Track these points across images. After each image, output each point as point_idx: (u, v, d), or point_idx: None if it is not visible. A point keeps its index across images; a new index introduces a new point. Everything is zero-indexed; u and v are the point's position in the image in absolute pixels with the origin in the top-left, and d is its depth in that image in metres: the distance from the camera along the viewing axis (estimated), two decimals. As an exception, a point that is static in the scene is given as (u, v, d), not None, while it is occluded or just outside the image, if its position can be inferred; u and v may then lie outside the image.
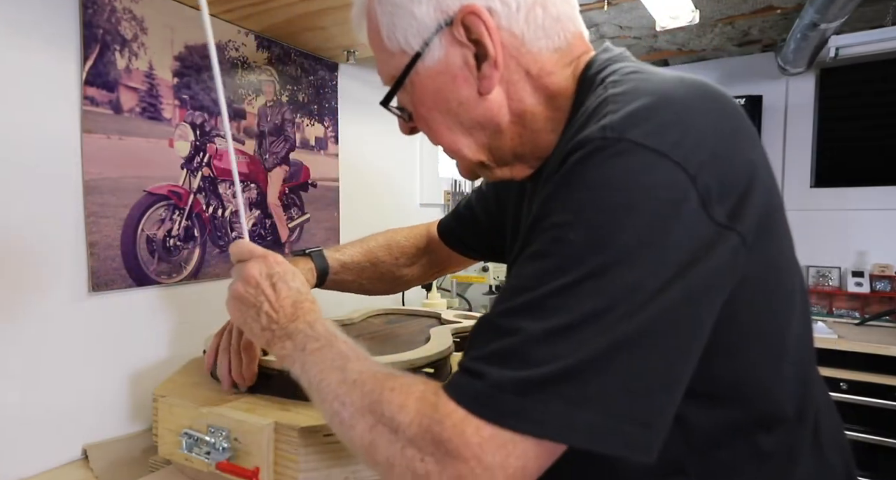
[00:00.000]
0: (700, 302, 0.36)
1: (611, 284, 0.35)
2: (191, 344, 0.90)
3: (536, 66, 0.47)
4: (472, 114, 0.48)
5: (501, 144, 0.50)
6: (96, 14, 0.76)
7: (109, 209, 0.78)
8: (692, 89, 0.41)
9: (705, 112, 0.39)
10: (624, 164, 0.37)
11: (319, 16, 0.93)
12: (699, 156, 0.37)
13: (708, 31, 2.00)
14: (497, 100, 0.48)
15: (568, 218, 0.37)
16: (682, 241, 0.35)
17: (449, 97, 0.48)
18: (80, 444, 0.77)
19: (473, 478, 0.35)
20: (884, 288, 2.06)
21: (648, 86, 0.41)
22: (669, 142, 0.36)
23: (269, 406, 0.62)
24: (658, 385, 0.36)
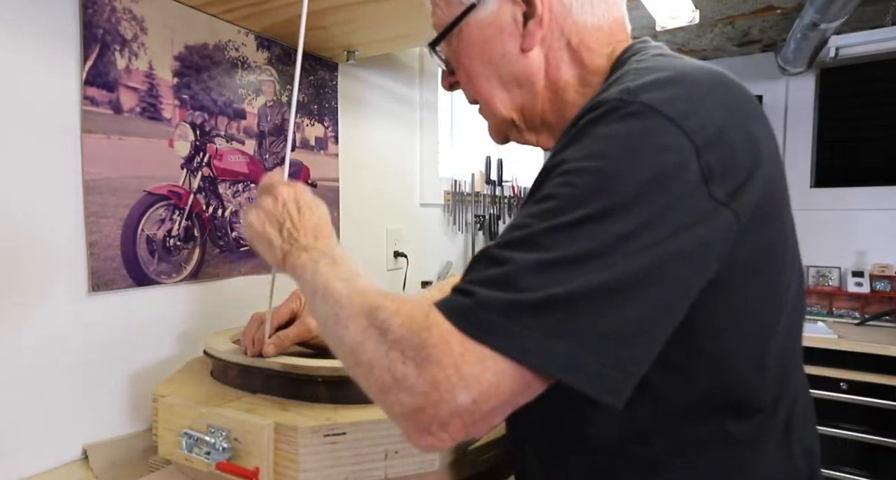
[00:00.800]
0: (688, 265, 0.38)
1: (607, 229, 0.36)
2: (191, 344, 0.90)
3: (577, 37, 0.51)
4: (511, 67, 0.52)
5: (533, 106, 0.54)
6: (96, 14, 0.76)
7: (109, 209, 0.78)
8: (713, 74, 0.43)
9: (720, 95, 0.41)
10: (635, 124, 0.39)
11: (320, 16, 0.93)
12: (707, 133, 0.38)
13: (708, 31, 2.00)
14: (536, 60, 0.52)
15: (576, 166, 0.39)
16: (679, 204, 0.37)
17: (493, 48, 0.52)
18: (79, 444, 0.77)
19: (448, 385, 0.36)
20: (884, 287, 2.06)
21: (669, 64, 0.44)
22: (681, 112, 0.38)
23: (269, 407, 0.62)
24: (637, 333, 0.37)
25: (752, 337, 0.45)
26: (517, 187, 2.17)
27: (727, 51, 2.24)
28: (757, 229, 0.41)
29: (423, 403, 0.37)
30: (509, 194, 2.12)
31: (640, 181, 0.37)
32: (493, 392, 0.36)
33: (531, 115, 0.55)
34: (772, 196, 0.42)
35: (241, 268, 1.01)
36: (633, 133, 0.39)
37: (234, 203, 0.99)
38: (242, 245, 1.01)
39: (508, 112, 0.55)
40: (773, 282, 0.45)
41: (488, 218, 1.95)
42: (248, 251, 1.02)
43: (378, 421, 0.58)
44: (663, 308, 0.38)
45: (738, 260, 0.41)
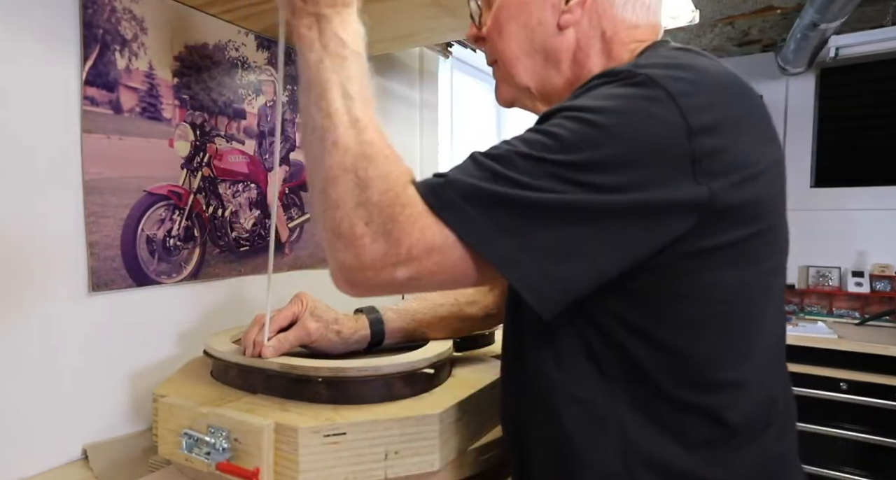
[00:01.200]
0: (651, 220, 0.41)
1: (578, 176, 0.40)
2: (191, 344, 0.90)
3: (612, 30, 0.53)
4: (543, 36, 0.54)
5: (554, 80, 0.56)
6: (96, 14, 0.76)
7: (109, 209, 0.78)
8: (725, 72, 0.45)
9: (727, 91, 0.43)
10: (637, 90, 0.41)
11: (319, 16, 0.93)
12: (703, 118, 0.40)
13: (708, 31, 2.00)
14: (568, 40, 0.54)
15: (574, 114, 0.42)
16: (658, 172, 0.40)
17: (533, 13, 0.54)
18: (79, 444, 0.77)
19: (395, 260, 0.41)
20: (884, 288, 2.06)
21: (681, 56, 0.46)
22: (682, 91, 0.41)
23: (269, 407, 0.62)
24: (578, 258, 0.41)
25: (729, 335, 0.46)
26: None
27: (727, 51, 2.24)
28: (736, 224, 0.43)
29: (366, 266, 0.41)
30: (509, 194, 2.12)
31: (626, 142, 0.40)
32: (434, 263, 0.41)
33: (548, 89, 0.56)
34: (764, 200, 0.44)
35: (241, 268, 1.00)
36: (632, 97, 0.41)
37: (234, 203, 0.99)
38: (242, 245, 1.01)
39: (527, 80, 0.56)
40: (752, 281, 0.46)
41: (488, 218, 1.95)
42: (248, 251, 1.02)
43: (378, 422, 0.58)
44: (610, 248, 0.41)
45: (720, 249, 0.43)
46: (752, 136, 0.43)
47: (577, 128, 0.41)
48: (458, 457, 0.64)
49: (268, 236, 1.07)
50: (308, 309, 0.70)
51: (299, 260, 1.14)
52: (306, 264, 1.16)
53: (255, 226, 1.04)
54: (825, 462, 1.72)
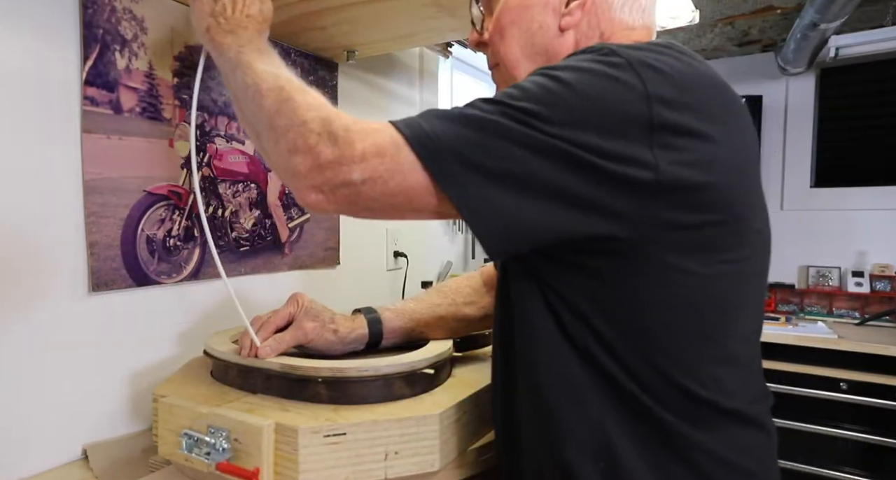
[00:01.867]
0: (597, 169, 0.42)
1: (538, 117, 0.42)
2: (191, 344, 0.90)
3: (609, 30, 0.55)
4: (544, 39, 0.55)
5: None
6: (96, 14, 0.76)
7: (109, 209, 0.78)
8: (701, 65, 0.47)
9: (696, 76, 0.45)
10: (601, 58, 0.44)
11: (319, 16, 0.93)
12: (665, 91, 0.42)
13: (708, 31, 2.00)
14: (567, 43, 0.55)
15: (541, 72, 0.45)
16: (615, 126, 0.42)
17: (534, 17, 0.55)
18: (79, 444, 0.77)
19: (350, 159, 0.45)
20: (884, 288, 2.06)
21: (662, 49, 0.47)
22: (645, 64, 0.43)
23: (270, 407, 0.62)
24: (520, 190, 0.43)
25: (699, 321, 0.47)
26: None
27: (727, 51, 2.24)
28: (694, 208, 0.44)
29: (324, 167, 0.45)
30: (509, 194, 2.12)
31: (587, 96, 0.42)
32: (386, 174, 0.44)
33: None
34: (722, 188, 0.45)
35: (241, 268, 1.00)
36: (597, 62, 0.44)
37: (234, 203, 0.99)
38: (242, 245, 1.01)
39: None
40: (720, 269, 0.46)
41: (488, 218, 1.95)
42: (248, 251, 1.02)
43: (378, 422, 0.58)
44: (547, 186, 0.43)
45: (665, 227, 0.44)
46: (715, 125, 0.44)
47: (543, 82, 0.44)
48: (458, 457, 0.64)
49: (268, 236, 1.07)
50: (304, 308, 0.70)
51: (299, 260, 1.14)
52: (306, 264, 1.16)
53: (255, 226, 1.04)
54: (825, 462, 1.72)
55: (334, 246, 1.24)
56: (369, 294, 1.37)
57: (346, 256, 1.27)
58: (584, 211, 0.43)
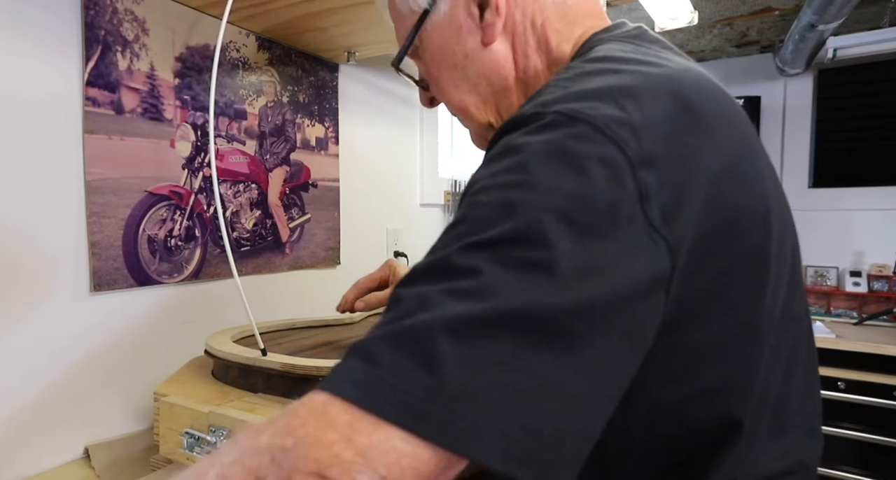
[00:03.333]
0: (621, 310, 0.29)
1: (516, 260, 0.28)
2: (192, 344, 0.90)
3: (541, 16, 0.46)
4: (477, 66, 0.47)
5: (510, 104, 0.49)
6: (98, 15, 0.76)
7: (111, 209, 0.79)
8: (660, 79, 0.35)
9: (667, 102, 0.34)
10: (553, 133, 0.32)
11: (320, 17, 0.93)
12: (644, 144, 0.31)
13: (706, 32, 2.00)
14: (501, 51, 0.47)
15: (485, 183, 0.33)
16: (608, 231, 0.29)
17: (455, 50, 0.48)
18: (81, 443, 0.77)
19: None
20: (881, 287, 2.06)
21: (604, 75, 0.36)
22: (607, 116, 0.31)
23: (270, 406, 0.63)
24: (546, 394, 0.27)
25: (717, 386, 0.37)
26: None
27: (725, 52, 2.24)
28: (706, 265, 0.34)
29: None
30: (508, 194, 2.12)
31: (561, 196, 0.29)
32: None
33: (509, 115, 0.46)
34: (728, 219, 0.35)
35: (242, 268, 1.01)
36: (551, 141, 0.31)
37: (235, 203, 1.00)
38: (243, 245, 1.02)
39: (485, 116, 0.50)
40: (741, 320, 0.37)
41: (488, 218, 1.96)
42: (248, 251, 1.03)
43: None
44: (596, 365, 0.28)
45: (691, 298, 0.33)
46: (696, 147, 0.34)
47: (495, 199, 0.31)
48: (458, 456, 0.64)
49: (269, 236, 1.07)
50: (395, 273, 0.76)
51: (300, 260, 1.14)
52: (307, 264, 1.16)
53: (256, 226, 1.04)
54: (823, 461, 1.73)
55: (335, 246, 1.24)
56: (369, 294, 1.38)
57: (347, 256, 1.28)
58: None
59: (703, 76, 0.39)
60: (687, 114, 0.34)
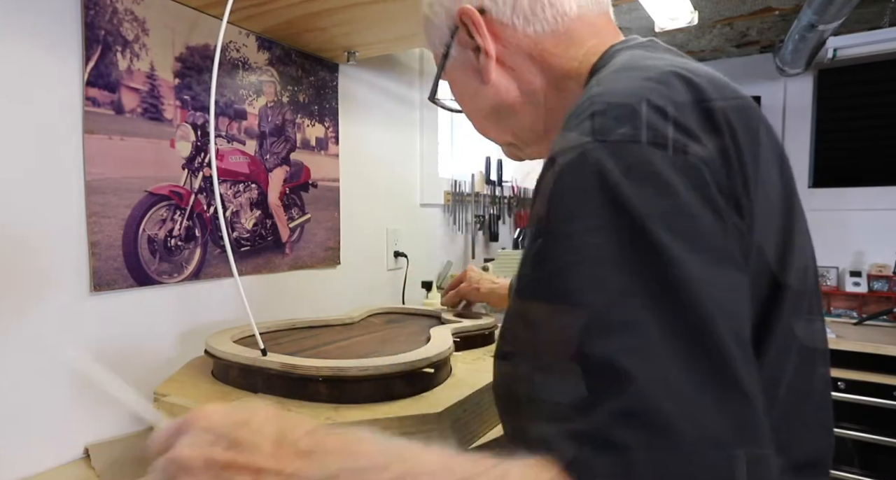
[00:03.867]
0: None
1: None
2: (192, 344, 0.90)
3: (536, 48, 0.51)
4: (485, 101, 0.54)
5: (521, 124, 0.55)
6: (98, 15, 0.76)
7: (111, 209, 0.79)
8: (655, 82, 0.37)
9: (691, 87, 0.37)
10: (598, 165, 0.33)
11: (320, 17, 0.93)
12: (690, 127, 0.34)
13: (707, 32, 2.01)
14: (502, 84, 0.52)
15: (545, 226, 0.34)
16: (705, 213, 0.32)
17: (467, 89, 0.55)
18: (81, 443, 0.77)
19: None
20: (881, 287, 2.07)
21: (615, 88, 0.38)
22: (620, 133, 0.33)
23: (271, 406, 0.63)
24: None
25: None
26: (517, 187, 2.18)
27: (726, 52, 2.24)
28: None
29: None
30: (509, 194, 2.12)
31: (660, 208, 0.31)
32: None
33: (522, 133, 0.56)
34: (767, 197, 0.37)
35: (242, 268, 1.01)
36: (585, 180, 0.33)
37: (235, 203, 1.00)
38: (243, 245, 1.02)
39: (502, 136, 0.58)
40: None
41: (488, 218, 1.96)
42: (248, 251, 1.03)
43: (378, 420, 0.59)
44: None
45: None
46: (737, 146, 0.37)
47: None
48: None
49: (269, 236, 1.07)
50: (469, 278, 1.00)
51: (300, 260, 1.15)
52: (307, 264, 1.16)
53: (256, 226, 1.04)
54: (823, 462, 1.72)
55: (335, 246, 1.24)
56: (369, 294, 1.38)
57: (347, 256, 1.28)
58: None
59: (718, 74, 0.42)
60: (718, 100, 0.37)
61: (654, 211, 0.31)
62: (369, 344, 0.82)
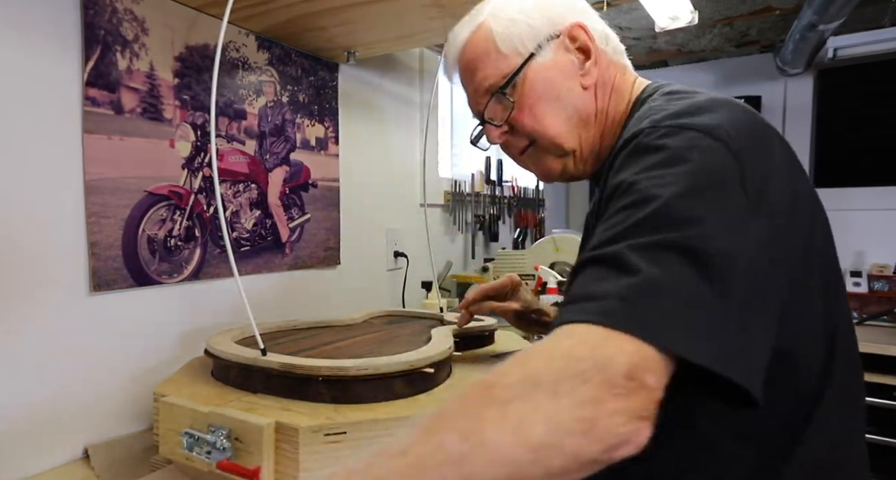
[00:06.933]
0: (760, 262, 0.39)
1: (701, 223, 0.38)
2: (192, 344, 0.90)
3: (614, 70, 0.60)
4: (576, 101, 0.59)
5: (588, 136, 0.60)
6: (97, 15, 0.76)
7: (110, 209, 0.78)
8: (720, 99, 0.48)
9: (734, 112, 0.46)
10: (673, 140, 0.43)
11: (320, 16, 0.93)
12: (738, 142, 0.42)
13: (707, 32, 2.00)
14: (591, 97, 0.60)
15: (636, 178, 0.42)
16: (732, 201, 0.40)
17: (560, 86, 0.59)
18: (81, 444, 0.77)
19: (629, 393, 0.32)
20: (882, 288, 2.06)
21: (683, 98, 0.50)
22: (709, 125, 0.43)
23: (270, 406, 0.63)
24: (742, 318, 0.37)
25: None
26: (517, 187, 2.17)
27: (726, 51, 2.24)
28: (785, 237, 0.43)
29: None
30: (509, 194, 2.12)
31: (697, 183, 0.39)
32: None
33: (585, 145, 0.61)
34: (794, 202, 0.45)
35: (242, 268, 1.01)
36: (676, 144, 0.42)
37: (235, 203, 0.99)
38: (243, 245, 1.02)
39: (571, 142, 0.60)
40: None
41: (488, 218, 1.96)
42: (248, 251, 1.03)
43: (378, 420, 0.58)
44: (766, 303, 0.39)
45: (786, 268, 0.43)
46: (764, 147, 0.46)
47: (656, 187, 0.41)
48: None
49: (269, 236, 1.07)
50: (517, 290, 0.84)
51: (300, 260, 1.14)
52: (307, 264, 1.16)
53: (256, 226, 1.04)
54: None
55: (335, 246, 1.24)
56: (369, 294, 1.38)
57: (347, 256, 1.28)
58: None
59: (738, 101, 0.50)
60: (754, 120, 0.47)
61: None
62: (369, 344, 0.82)
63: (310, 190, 1.17)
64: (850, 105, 2.21)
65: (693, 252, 0.36)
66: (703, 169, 0.40)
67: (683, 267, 0.36)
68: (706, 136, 0.42)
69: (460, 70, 0.63)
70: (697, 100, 0.47)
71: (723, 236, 0.37)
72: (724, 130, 0.42)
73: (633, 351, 0.33)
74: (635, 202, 0.40)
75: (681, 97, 0.50)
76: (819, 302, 0.47)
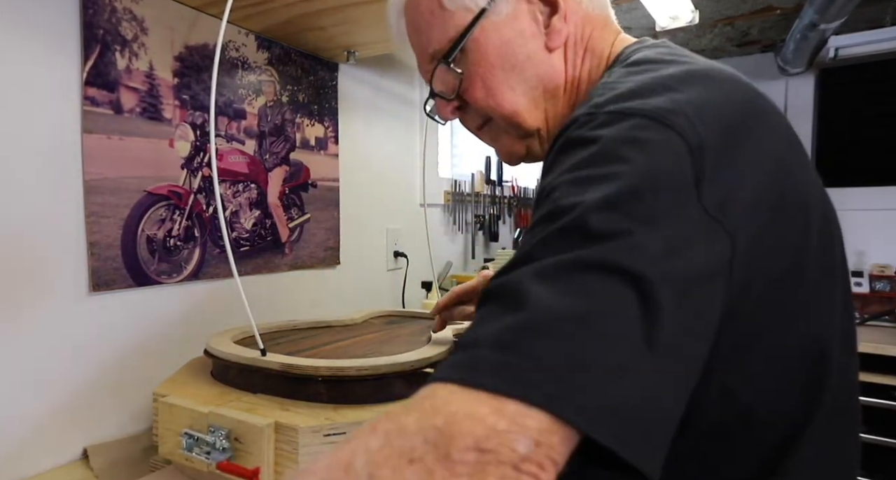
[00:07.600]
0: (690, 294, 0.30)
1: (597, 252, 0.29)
2: (191, 344, 0.90)
3: (590, 29, 0.48)
4: (538, 69, 0.47)
5: (556, 111, 0.49)
6: (97, 14, 0.76)
7: (110, 209, 0.78)
8: (700, 70, 0.37)
9: (711, 89, 0.36)
10: (609, 131, 0.33)
11: (319, 16, 0.93)
12: (701, 132, 0.32)
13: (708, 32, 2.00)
14: (558, 61, 0.48)
15: (558, 181, 0.34)
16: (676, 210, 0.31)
17: (517, 51, 0.47)
18: (80, 444, 0.77)
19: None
20: (883, 288, 2.06)
21: (647, 70, 0.38)
22: (662, 110, 0.33)
23: (270, 406, 0.62)
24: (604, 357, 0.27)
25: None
26: (517, 187, 2.17)
27: (727, 51, 2.24)
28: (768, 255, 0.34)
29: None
30: (509, 194, 2.12)
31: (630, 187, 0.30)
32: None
33: (557, 123, 0.49)
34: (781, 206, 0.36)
35: (241, 268, 1.01)
36: (613, 134, 0.33)
37: (235, 203, 0.99)
38: (243, 245, 1.01)
39: (534, 120, 0.49)
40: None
41: (488, 218, 1.95)
42: (248, 251, 1.03)
43: (378, 421, 0.58)
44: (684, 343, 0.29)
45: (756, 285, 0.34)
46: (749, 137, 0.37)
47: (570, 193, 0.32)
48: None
49: (269, 236, 1.07)
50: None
51: (300, 260, 1.14)
52: (307, 264, 1.16)
53: (256, 226, 1.04)
54: (824, 462, 1.72)
55: (334, 246, 1.24)
56: (369, 294, 1.37)
57: (347, 256, 1.28)
58: None
59: (736, 73, 0.40)
60: (742, 100, 0.36)
61: None
62: (369, 344, 0.82)
63: (309, 190, 1.17)
64: (851, 104, 2.20)
65: (606, 272, 0.28)
66: (640, 169, 0.31)
67: (588, 296, 0.28)
68: (655, 125, 0.32)
69: (408, 33, 0.52)
70: (664, 74, 0.37)
71: (653, 256, 0.28)
72: (684, 116, 0.32)
73: (489, 414, 0.25)
74: (551, 213, 0.32)
75: (645, 69, 0.39)
76: (802, 323, 0.38)
